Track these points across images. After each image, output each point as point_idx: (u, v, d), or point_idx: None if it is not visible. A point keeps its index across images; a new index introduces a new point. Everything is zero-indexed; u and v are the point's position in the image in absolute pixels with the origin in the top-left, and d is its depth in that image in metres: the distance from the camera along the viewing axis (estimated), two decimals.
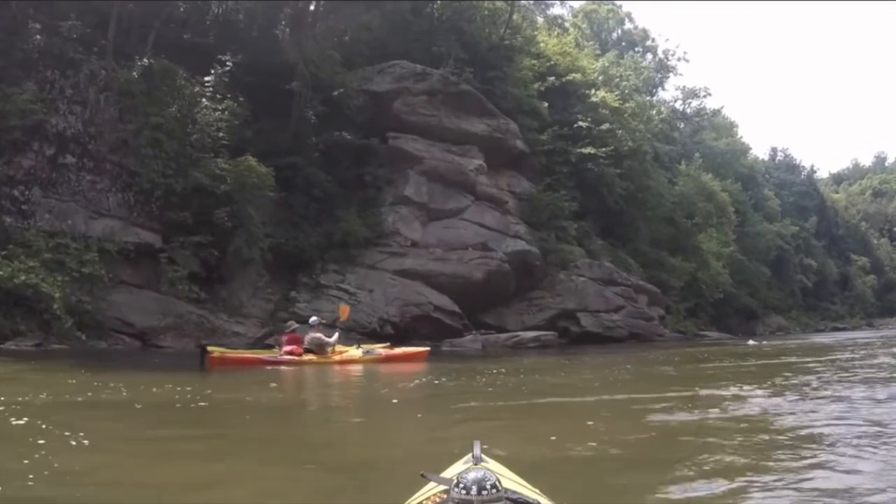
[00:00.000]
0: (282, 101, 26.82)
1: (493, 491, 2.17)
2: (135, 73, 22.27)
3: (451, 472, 2.86)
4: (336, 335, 17.75)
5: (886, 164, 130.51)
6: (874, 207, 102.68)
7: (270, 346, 18.57)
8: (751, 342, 29.97)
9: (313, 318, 18.02)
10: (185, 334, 21.81)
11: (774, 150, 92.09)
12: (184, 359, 17.46)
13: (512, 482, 2.85)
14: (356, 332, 25.16)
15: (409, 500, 2.86)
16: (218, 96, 24.15)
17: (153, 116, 21.66)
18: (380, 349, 18.19)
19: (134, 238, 21.35)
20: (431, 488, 2.77)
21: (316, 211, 26.89)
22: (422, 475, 2.86)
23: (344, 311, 21.32)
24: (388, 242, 27.77)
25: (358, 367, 16.65)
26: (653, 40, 52.25)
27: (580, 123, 35.87)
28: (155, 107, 22.08)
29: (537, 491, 2.93)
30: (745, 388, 11.49)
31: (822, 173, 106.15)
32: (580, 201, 34.66)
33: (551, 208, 32.59)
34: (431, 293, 27.19)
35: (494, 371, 15.55)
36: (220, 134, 23.40)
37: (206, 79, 24.41)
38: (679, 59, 51.54)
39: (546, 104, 35.31)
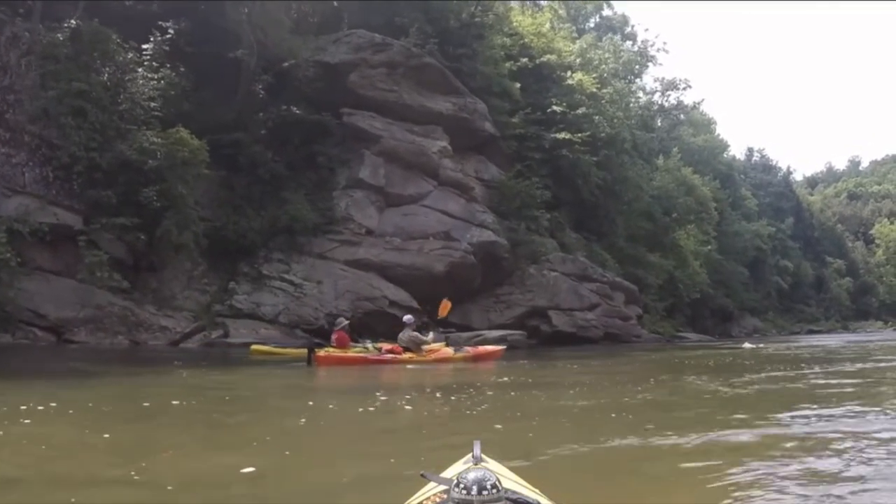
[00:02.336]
0: (228, 74, 25.29)
1: (494, 491, 2.09)
2: (60, 36, 20.64)
3: (450, 472, 2.77)
4: (432, 334, 17.57)
5: (860, 167, 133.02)
6: (850, 210, 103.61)
7: (320, 345, 17.16)
8: (747, 345, 27.46)
9: (408, 317, 17.52)
10: (104, 328, 20.05)
11: (751, 150, 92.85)
12: (105, 358, 15.80)
13: (512, 482, 2.73)
14: (299, 329, 23.04)
15: (409, 500, 2.70)
16: (155, 64, 22.66)
17: (77, 83, 19.87)
18: (468, 347, 18.48)
19: (51, 219, 19.36)
20: (431, 488, 2.64)
21: (260, 193, 25.14)
22: (421, 475, 2.73)
23: (445, 307, 20.30)
24: (339, 230, 25.61)
25: (452, 365, 16.46)
26: (632, 28, 50.22)
27: (554, 107, 33.66)
28: (82, 73, 20.39)
29: (537, 491, 2.79)
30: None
31: (797, 176, 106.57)
32: (553, 191, 32.57)
33: (522, 197, 30.37)
34: (387, 286, 25.09)
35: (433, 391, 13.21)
36: (153, 104, 21.66)
37: (145, 46, 22.87)
38: (658, 50, 49.16)
39: (518, 85, 32.88)
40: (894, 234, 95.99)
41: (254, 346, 17.92)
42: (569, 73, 35.66)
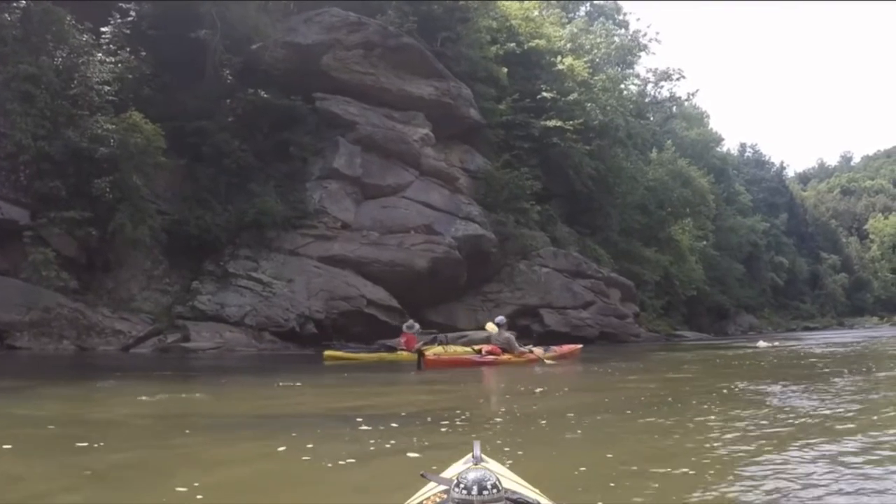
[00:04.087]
0: (195, 59, 23.70)
1: (494, 491, 2.09)
2: (8, 16, 19.43)
3: (450, 473, 2.75)
4: (513, 334, 17.32)
5: (852, 163, 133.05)
6: (843, 205, 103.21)
7: (393, 348, 18.26)
8: (762, 343, 25.32)
9: (500, 318, 17.31)
10: (50, 332, 18.54)
11: (743, 145, 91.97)
12: (35, 366, 15.04)
13: (512, 482, 2.69)
14: (268, 332, 21.29)
15: (409, 500, 2.68)
16: (113, 47, 21.33)
17: (25, 66, 18.58)
18: (554, 347, 18.37)
19: None
20: (431, 488, 2.62)
21: (226, 185, 23.49)
22: (421, 475, 2.74)
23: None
24: (312, 224, 23.79)
25: (548, 364, 16.51)
26: (624, 16, 48.52)
27: (544, 94, 31.82)
28: (31, 56, 19.12)
29: (537, 491, 2.77)
30: None
31: (788, 172, 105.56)
32: (543, 182, 30.78)
33: (510, 188, 28.58)
34: (364, 284, 23.31)
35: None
36: (107, 88, 20.11)
37: (104, 29, 21.54)
38: (651, 40, 47.44)
39: (505, 70, 30.98)
40: (889, 229, 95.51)
41: (327, 352, 17.61)
42: (559, 59, 33.79)
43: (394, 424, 6.45)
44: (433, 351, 15.90)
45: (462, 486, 2.08)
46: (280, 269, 22.61)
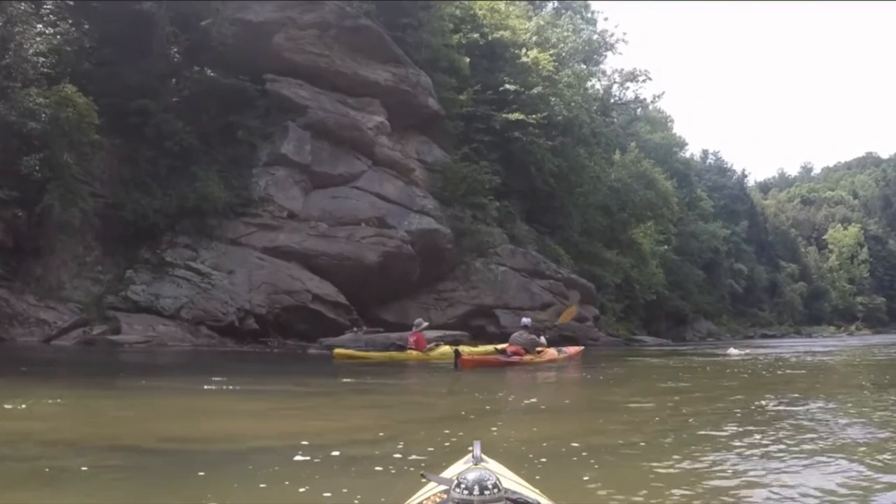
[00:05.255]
0: (141, 35, 22.38)
1: (495, 491, 2.09)
2: None
3: (450, 473, 2.78)
4: (543, 337, 17.99)
5: (813, 174, 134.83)
6: (803, 215, 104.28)
7: (403, 347, 17.85)
8: (733, 351, 24.17)
9: (526, 319, 17.64)
10: None
11: (706, 152, 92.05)
12: None
13: (512, 482, 2.72)
14: (205, 326, 20.02)
15: (409, 500, 2.69)
16: (53, 17, 20.38)
17: None
18: (565, 349, 19.11)
19: None
20: (431, 488, 2.62)
21: (168, 169, 22.05)
22: (421, 475, 2.78)
23: (569, 314, 22.43)
24: (256, 212, 22.55)
25: (562, 364, 17.32)
26: (593, 14, 47.61)
27: (507, 86, 30.59)
28: None
29: (537, 491, 2.80)
30: None
31: (750, 181, 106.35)
32: (503, 177, 29.53)
33: (468, 182, 27.30)
34: (310, 278, 21.98)
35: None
36: (42, 60, 19.11)
37: None
38: (618, 40, 46.58)
39: (468, 60, 29.79)
40: (848, 240, 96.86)
41: (337, 351, 16.97)
42: (523, 51, 32.64)
43: (334, 453, 5.08)
44: (467, 350, 16.35)
45: (462, 486, 2.08)
46: (220, 260, 21.38)
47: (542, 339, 17.53)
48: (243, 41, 23.11)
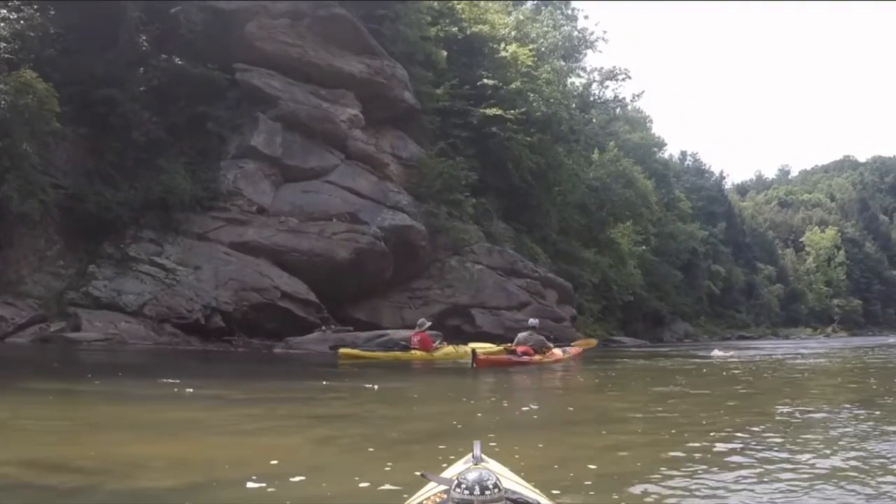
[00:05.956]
0: (109, 22, 21.80)
1: (495, 491, 2.11)
2: None
3: (450, 473, 2.81)
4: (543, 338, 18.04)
5: (790, 177, 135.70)
6: (781, 217, 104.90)
7: (407, 347, 17.54)
8: (717, 353, 23.62)
9: (534, 321, 18.07)
10: None
11: (684, 153, 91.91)
12: None
13: (512, 482, 2.74)
14: (168, 324, 19.27)
15: (409, 500, 2.74)
16: (16, 2, 20.27)
17: None
18: (569, 349, 19.61)
19: None
20: (431, 488, 2.65)
21: (133, 161, 21.42)
22: (422, 475, 2.78)
23: (587, 344, 23.05)
24: (225, 206, 21.89)
25: (568, 364, 17.82)
26: (573, 11, 47.16)
27: (485, 81, 30.06)
28: None
29: (537, 491, 2.84)
30: None
31: (727, 183, 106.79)
32: (480, 174, 29.01)
33: (444, 178, 26.69)
34: (279, 275, 21.34)
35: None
36: (3, 45, 19.13)
37: None
38: (598, 38, 46.22)
39: (445, 53, 29.17)
40: (825, 243, 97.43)
41: (342, 350, 16.72)
42: (502, 46, 32.13)
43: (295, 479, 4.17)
44: (483, 350, 16.57)
45: (462, 486, 2.08)
46: (186, 255, 20.74)
47: (545, 340, 17.67)
48: (214, 29, 22.66)
